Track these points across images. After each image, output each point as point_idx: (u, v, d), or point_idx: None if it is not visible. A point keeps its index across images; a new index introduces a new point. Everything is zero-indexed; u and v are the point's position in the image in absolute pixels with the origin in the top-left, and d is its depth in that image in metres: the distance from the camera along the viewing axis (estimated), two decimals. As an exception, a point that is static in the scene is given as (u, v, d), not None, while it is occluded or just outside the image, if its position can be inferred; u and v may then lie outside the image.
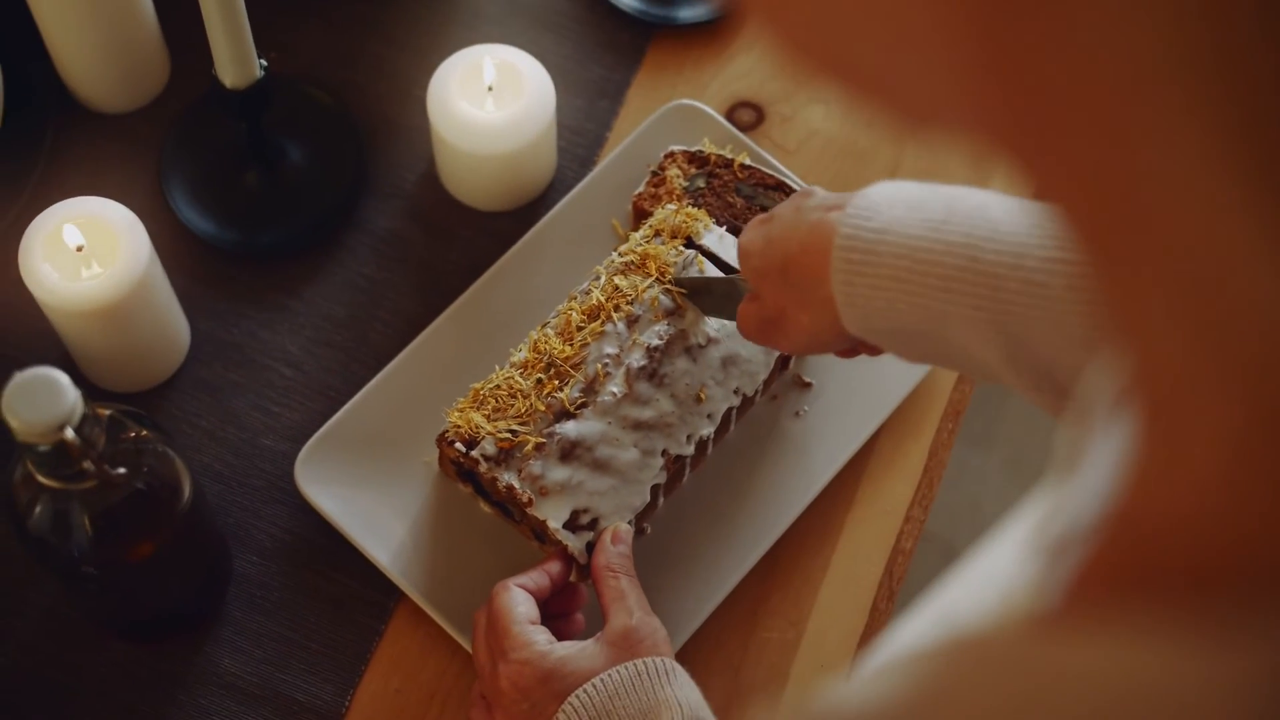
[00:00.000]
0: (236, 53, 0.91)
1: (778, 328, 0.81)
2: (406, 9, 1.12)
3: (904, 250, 0.71)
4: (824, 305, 0.75)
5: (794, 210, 0.78)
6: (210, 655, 0.93)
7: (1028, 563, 0.37)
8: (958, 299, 0.70)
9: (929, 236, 0.70)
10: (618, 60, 1.12)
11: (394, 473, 0.97)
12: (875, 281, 0.72)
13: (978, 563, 0.42)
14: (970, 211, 0.70)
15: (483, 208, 1.06)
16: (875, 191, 0.74)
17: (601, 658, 0.81)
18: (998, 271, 0.68)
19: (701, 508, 0.97)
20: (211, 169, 1.05)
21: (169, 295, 0.96)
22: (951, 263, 0.70)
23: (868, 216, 0.72)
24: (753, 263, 0.81)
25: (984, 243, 0.69)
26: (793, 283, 0.77)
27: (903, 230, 0.71)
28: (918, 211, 0.71)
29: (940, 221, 0.71)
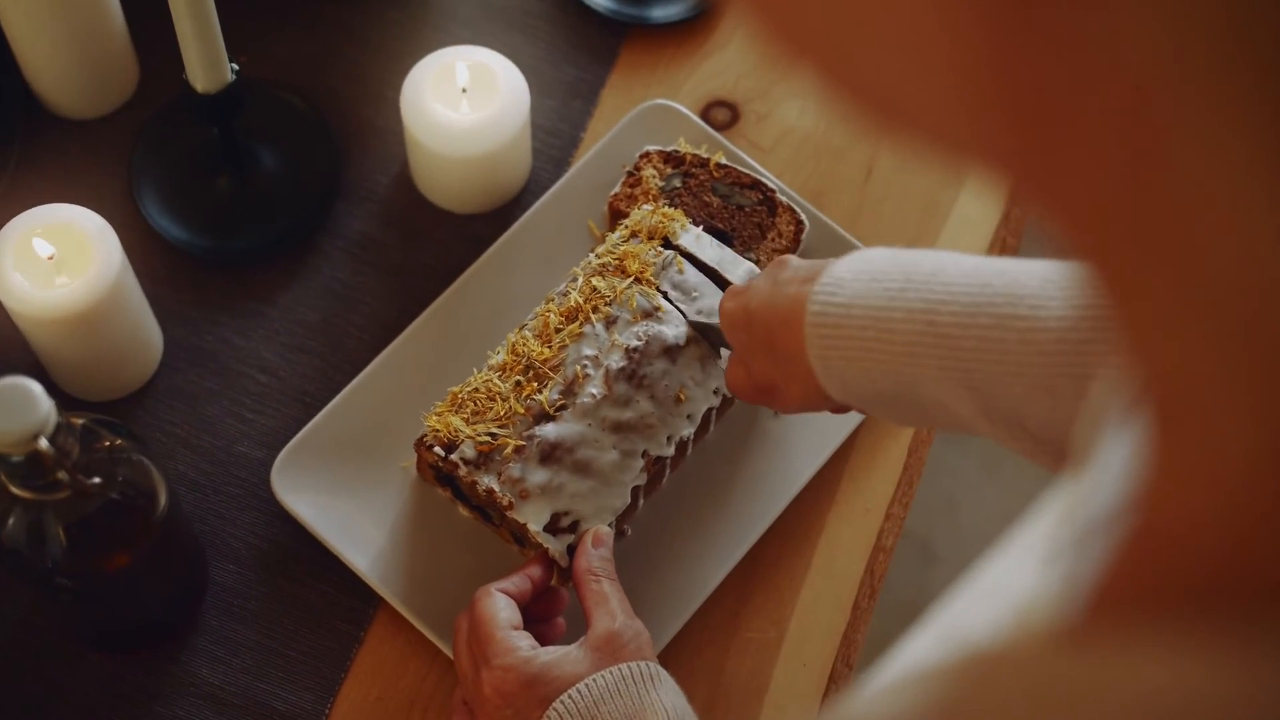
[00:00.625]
0: (207, 56, 0.90)
1: (771, 396, 0.84)
2: (378, 12, 1.11)
3: (869, 320, 0.74)
4: (809, 377, 0.78)
5: (770, 283, 0.81)
6: (187, 665, 0.92)
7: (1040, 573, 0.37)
8: (922, 361, 0.73)
9: (889, 305, 0.74)
10: (591, 60, 1.11)
11: (371, 478, 0.96)
12: (846, 353, 0.75)
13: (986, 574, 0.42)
14: (926, 277, 0.74)
15: (458, 210, 1.06)
16: (843, 265, 0.77)
17: (585, 662, 0.81)
18: (953, 332, 0.71)
19: (682, 509, 0.97)
20: (183, 175, 1.04)
21: (141, 303, 0.95)
22: (911, 328, 0.73)
23: (833, 291, 0.76)
24: (738, 337, 0.84)
25: (939, 305, 0.72)
26: (779, 358, 0.80)
27: (865, 301, 0.75)
28: (879, 282, 0.75)
29: (899, 290, 0.74)
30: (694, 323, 0.93)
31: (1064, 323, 0.69)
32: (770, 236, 1.01)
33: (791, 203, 1.02)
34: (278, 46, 1.10)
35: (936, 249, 0.78)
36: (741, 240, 1.01)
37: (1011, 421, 0.72)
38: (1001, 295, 0.71)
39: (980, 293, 0.71)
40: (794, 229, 1.02)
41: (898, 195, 1.08)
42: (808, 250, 1.03)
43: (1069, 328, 0.69)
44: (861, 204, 1.08)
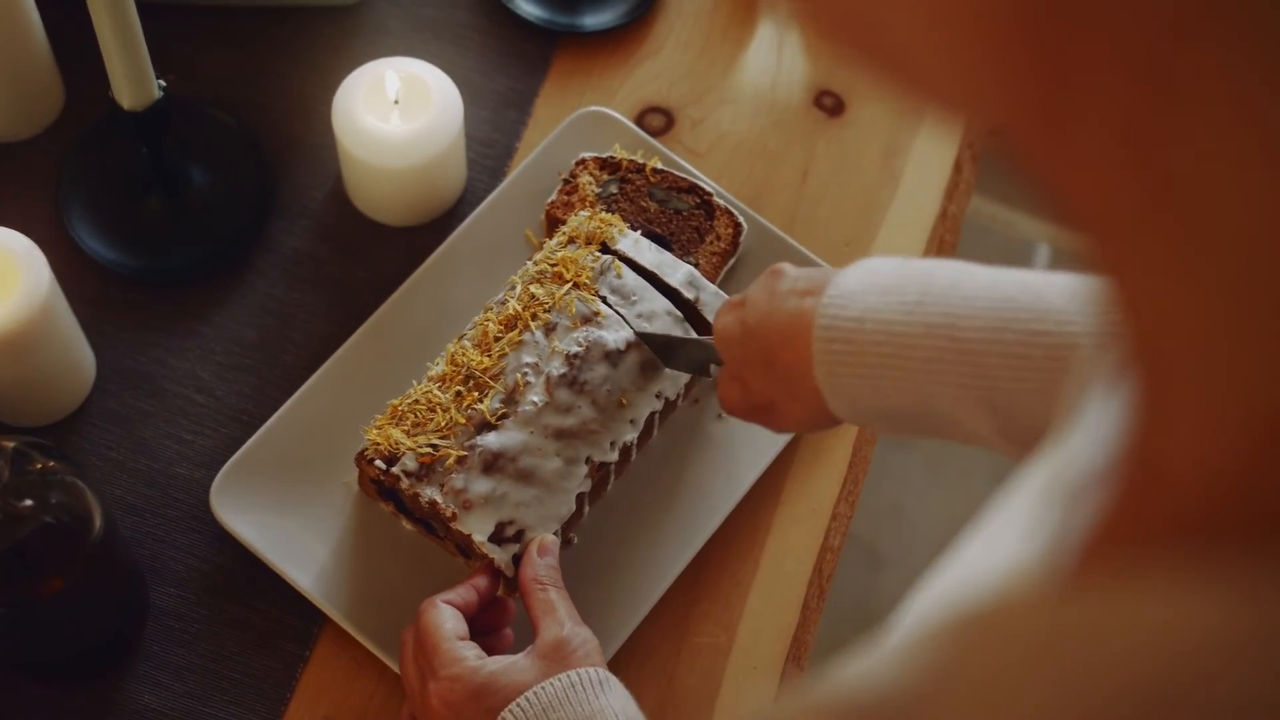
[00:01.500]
0: (133, 72, 0.89)
1: (769, 414, 0.81)
2: (308, 27, 1.10)
3: (883, 336, 0.71)
4: (813, 395, 0.75)
5: (767, 295, 0.79)
6: (129, 692, 0.91)
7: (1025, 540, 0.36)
8: (943, 378, 0.70)
9: (906, 319, 0.71)
10: (524, 70, 1.11)
11: (313, 495, 0.95)
12: (858, 370, 0.72)
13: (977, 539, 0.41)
14: (945, 289, 0.71)
15: (393, 224, 1.05)
16: (849, 277, 0.74)
17: (534, 671, 0.80)
18: (978, 348, 0.69)
19: (627, 515, 0.96)
20: (112, 195, 1.02)
21: (71, 325, 0.93)
22: (932, 344, 0.70)
23: (843, 305, 0.73)
24: (733, 351, 0.81)
25: (962, 320, 0.70)
26: (779, 375, 0.77)
27: (880, 316, 0.72)
28: (893, 295, 0.72)
29: (915, 303, 0.71)
30: (689, 340, 0.91)
31: (1094, 339, 0.68)
32: (709, 239, 1.01)
33: (729, 205, 1.02)
34: (205, 64, 1.08)
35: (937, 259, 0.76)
36: (680, 244, 1.00)
37: (1031, 440, 0.69)
38: (1027, 310, 0.68)
39: (1005, 307, 0.69)
40: (732, 231, 1.01)
41: (834, 197, 1.08)
42: (746, 253, 1.03)
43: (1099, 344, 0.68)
44: (798, 206, 1.08)
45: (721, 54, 1.13)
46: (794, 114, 1.11)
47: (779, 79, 1.12)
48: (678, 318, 0.94)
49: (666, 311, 0.94)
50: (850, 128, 1.11)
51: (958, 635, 0.29)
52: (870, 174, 1.09)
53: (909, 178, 1.09)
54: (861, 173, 1.09)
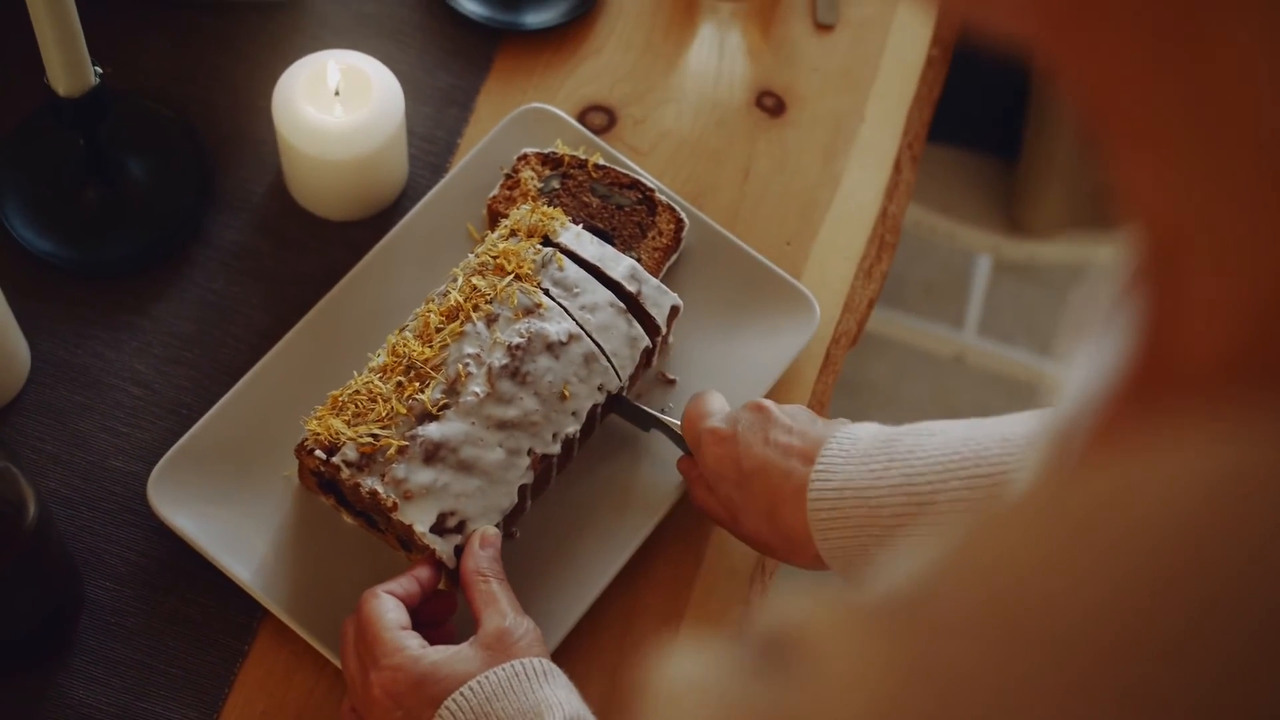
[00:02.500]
0: (69, 58, 0.88)
1: (770, 553, 0.90)
2: (249, 20, 1.10)
3: (860, 500, 0.82)
4: (817, 558, 0.85)
5: (761, 442, 0.86)
6: (62, 687, 0.89)
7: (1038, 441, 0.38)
8: (909, 529, 0.81)
9: (875, 485, 0.82)
10: (466, 67, 1.10)
11: (253, 489, 0.94)
12: (845, 532, 0.83)
13: None
14: (905, 453, 0.82)
15: (334, 217, 1.04)
16: (831, 449, 0.84)
17: (477, 660, 0.79)
18: (930, 498, 0.80)
19: (570, 509, 0.96)
20: (47, 186, 1.01)
21: (5, 315, 0.92)
22: (895, 501, 0.81)
23: (827, 478, 0.84)
24: (726, 489, 0.88)
25: (915, 477, 0.81)
26: (780, 531, 0.86)
27: (856, 484, 0.83)
28: (865, 464, 0.83)
29: (882, 469, 0.82)
30: (658, 419, 0.95)
31: (1023, 475, 0.75)
32: (651, 235, 1.01)
33: (671, 202, 1.02)
34: (145, 57, 1.08)
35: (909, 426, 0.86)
36: (622, 239, 1.01)
37: None
38: (967, 459, 0.80)
39: (949, 459, 0.80)
40: (674, 227, 1.02)
41: (775, 195, 1.09)
42: (688, 249, 1.03)
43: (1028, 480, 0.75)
44: (740, 204, 1.08)
45: (663, 53, 1.13)
46: (735, 114, 1.11)
47: (720, 79, 1.13)
48: (620, 309, 0.94)
49: (609, 303, 0.94)
50: (791, 128, 1.11)
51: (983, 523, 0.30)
52: (811, 174, 1.10)
53: (849, 178, 1.10)
54: (802, 172, 1.10)
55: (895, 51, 1.15)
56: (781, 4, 1.16)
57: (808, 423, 0.87)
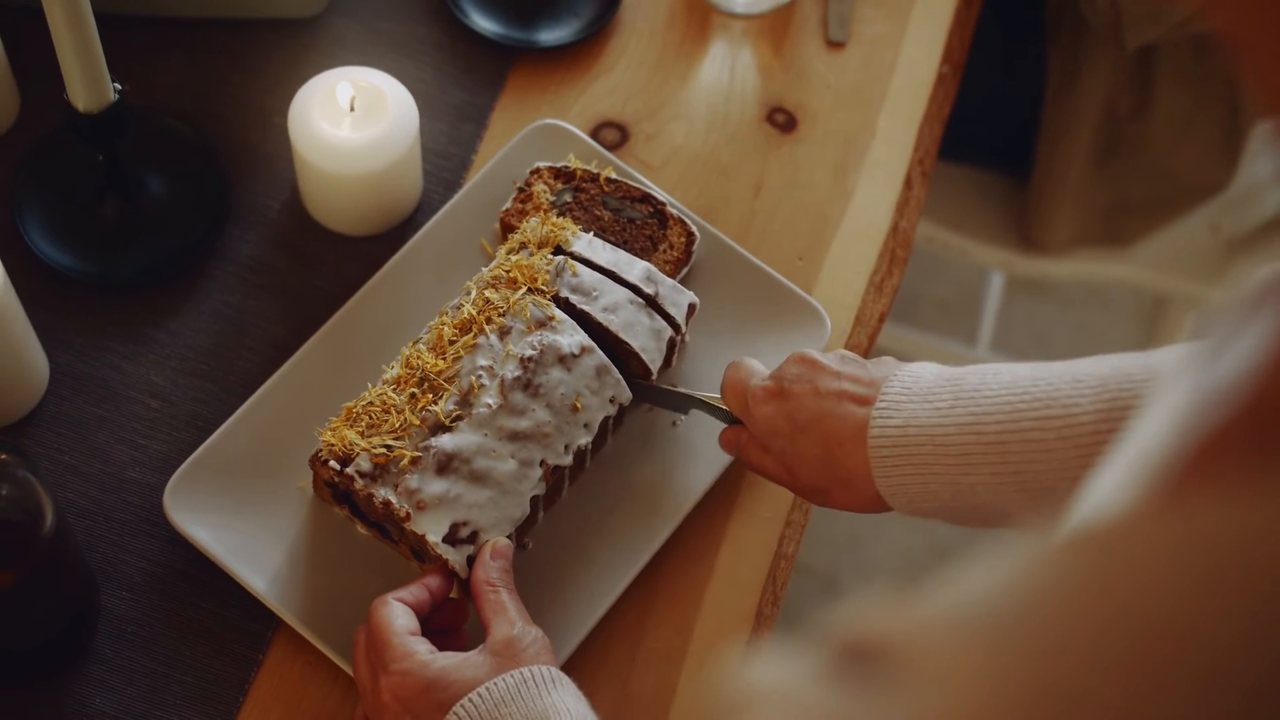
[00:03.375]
0: (89, 74, 0.89)
1: (823, 498, 0.88)
2: (266, 39, 1.11)
3: (924, 438, 0.81)
4: (875, 499, 0.84)
5: (813, 393, 0.85)
6: (79, 696, 0.90)
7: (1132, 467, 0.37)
8: (974, 469, 0.80)
9: (941, 422, 0.81)
10: (480, 84, 1.12)
11: (268, 499, 0.95)
12: (908, 470, 0.82)
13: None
14: (972, 391, 0.81)
15: (349, 232, 1.05)
16: (894, 388, 0.83)
17: (485, 667, 0.80)
18: (999, 438, 0.79)
19: (582, 520, 0.97)
20: (68, 202, 1.02)
21: (24, 328, 0.93)
22: (962, 439, 0.80)
23: (889, 415, 0.82)
24: (779, 443, 0.87)
25: (985, 416, 0.80)
26: (837, 475, 0.85)
27: (920, 421, 0.81)
28: (930, 402, 0.82)
29: (948, 407, 0.81)
30: (696, 397, 0.95)
31: (1095, 416, 0.76)
32: (662, 248, 1.02)
33: (682, 215, 1.03)
34: (164, 75, 1.09)
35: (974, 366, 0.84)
36: (633, 252, 1.01)
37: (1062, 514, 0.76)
38: (1039, 400, 0.78)
39: (1020, 399, 0.79)
40: (685, 240, 1.03)
41: (787, 210, 1.09)
42: (700, 263, 1.04)
43: (1100, 420, 0.76)
44: (752, 219, 1.09)
45: (675, 70, 1.14)
46: (747, 130, 1.12)
47: (732, 95, 1.14)
48: (640, 304, 0.95)
49: (629, 300, 0.95)
50: (802, 144, 1.12)
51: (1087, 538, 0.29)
52: (822, 189, 1.11)
53: (860, 193, 1.11)
54: (813, 188, 1.10)
55: (906, 68, 1.16)
56: (793, 22, 1.17)
57: (857, 367, 0.86)
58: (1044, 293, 2.16)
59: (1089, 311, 2.17)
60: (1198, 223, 1.55)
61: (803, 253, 1.08)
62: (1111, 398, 0.77)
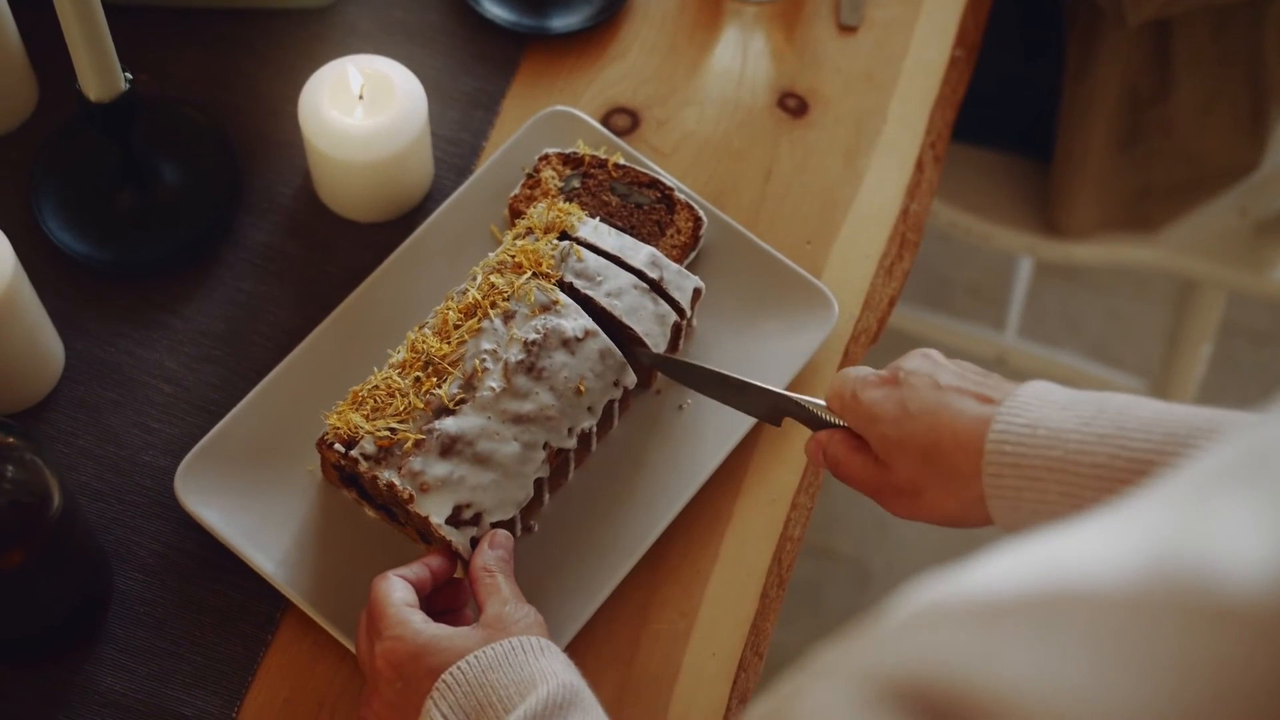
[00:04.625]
0: (99, 64, 0.91)
1: (912, 501, 0.81)
2: (279, 28, 1.12)
3: (1055, 442, 0.74)
4: (971, 496, 0.77)
5: (932, 385, 0.80)
6: (91, 674, 0.92)
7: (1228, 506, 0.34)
8: (1110, 486, 0.72)
9: (1080, 430, 0.74)
10: (491, 71, 1.12)
11: (278, 482, 0.96)
12: (1028, 473, 0.74)
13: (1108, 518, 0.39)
14: (1120, 408, 0.74)
15: (360, 219, 1.06)
16: (1026, 390, 0.77)
17: (475, 638, 0.81)
18: (1149, 458, 0.71)
19: (588, 503, 0.97)
20: (84, 190, 1.04)
21: (39, 314, 0.95)
22: (1103, 451, 0.72)
23: (1018, 413, 0.76)
24: (883, 429, 0.81)
25: (1134, 433, 0.72)
26: (938, 470, 0.78)
27: (1054, 424, 0.74)
28: (1068, 410, 0.75)
29: (1091, 417, 0.74)
30: (794, 399, 0.89)
31: None
32: (669, 233, 1.03)
33: (690, 200, 1.04)
34: (178, 64, 1.10)
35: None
36: (640, 237, 1.02)
37: None
38: (1199, 430, 0.71)
39: (1179, 425, 0.71)
40: (692, 225, 1.03)
41: (797, 195, 1.10)
42: (708, 248, 1.04)
43: None
44: (762, 204, 1.09)
45: (687, 56, 1.15)
46: (758, 115, 1.12)
47: (743, 81, 1.14)
48: (645, 289, 0.95)
49: (633, 285, 0.95)
50: (813, 128, 1.12)
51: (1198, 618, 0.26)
52: (833, 173, 1.11)
53: (871, 176, 1.11)
54: (824, 172, 1.11)
55: (918, 52, 1.16)
56: (805, 6, 1.17)
57: (982, 373, 0.81)
58: (1076, 278, 2.15)
59: (1122, 297, 2.15)
60: (1225, 206, 1.53)
61: (812, 237, 1.08)
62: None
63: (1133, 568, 0.35)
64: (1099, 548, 0.37)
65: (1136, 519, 0.37)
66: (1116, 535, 0.37)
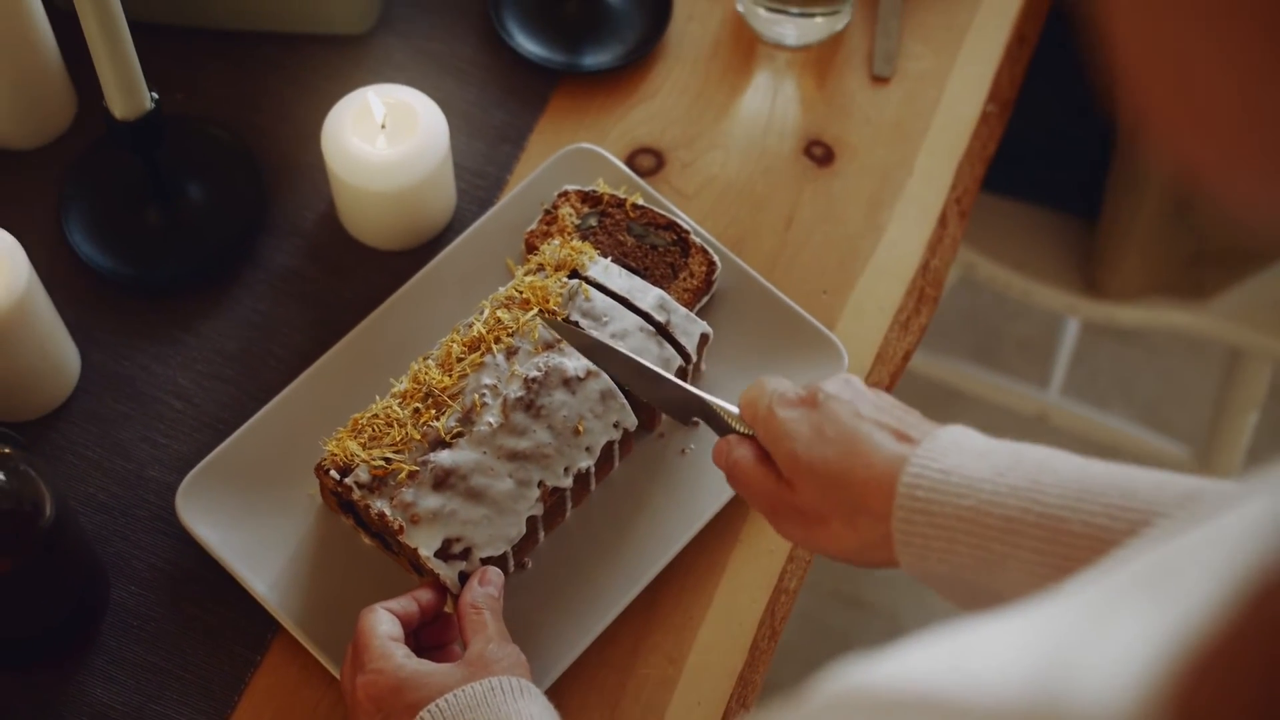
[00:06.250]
0: (124, 83, 0.92)
1: (812, 528, 0.79)
2: (313, 53, 1.14)
3: (968, 490, 0.72)
4: (878, 543, 0.75)
5: (852, 414, 0.78)
6: (82, 684, 0.93)
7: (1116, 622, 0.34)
8: (1018, 540, 0.70)
9: (994, 479, 0.71)
10: (521, 106, 1.13)
11: (278, 504, 0.97)
12: (938, 520, 0.72)
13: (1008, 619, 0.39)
14: (1039, 461, 0.72)
15: (381, 247, 1.07)
16: (945, 434, 0.75)
17: (457, 675, 0.81)
18: (1060, 514, 0.69)
19: (584, 543, 0.97)
20: (112, 205, 1.06)
21: (54, 323, 0.96)
22: (1015, 503, 0.70)
23: (935, 457, 0.74)
24: (794, 447, 0.79)
25: (1048, 488, 0.70)
26: (844, 501, 0.76)
27: (968, 472, 0.72)
28: (984, 458, 0.73)
29: (1007, 468, 0.72)
30: (707, 401, 0.88)
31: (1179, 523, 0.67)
32: (682, 276, 1.03)
33: (705, 244, 1.04)
34: (212, 84, 1.12)
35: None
36: (653, 279, 1.02)
37: None
38: (1115, 489, 0.69)
39: (1093, 483, 0.70)
40: (706, 270, 1.03)
41: (816, 243, 1.09)
42: (721, 293, 1.04)
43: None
44: (780, 251, 1.09)
45: (716, 100, 1.15)
46: (783, 161, 1.12)
47: (771, 127, 1.14)
48: (650, 331, 0.95)
49: (639, 328, 0.95)
50: (838, 177, 1.12)
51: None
52: (854, 223, 1.10)
53: (893, 229, 1.10)
54: (846, 222, 1.10)
55: (950, 106, 1.15)
56: (839, 55, 1.17)
57: (903, 409, 0.78)
58: (1129, 337, 2.12)
59: (1175, 359, 2.12)
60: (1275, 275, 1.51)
61: (829, 287, 1.08)
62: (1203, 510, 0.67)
63: (1011, 686, 0.35)
64: (993, 658, 0.37)
65: (1037, 629, 0.37)
66: (1014, 645, 0.37)
